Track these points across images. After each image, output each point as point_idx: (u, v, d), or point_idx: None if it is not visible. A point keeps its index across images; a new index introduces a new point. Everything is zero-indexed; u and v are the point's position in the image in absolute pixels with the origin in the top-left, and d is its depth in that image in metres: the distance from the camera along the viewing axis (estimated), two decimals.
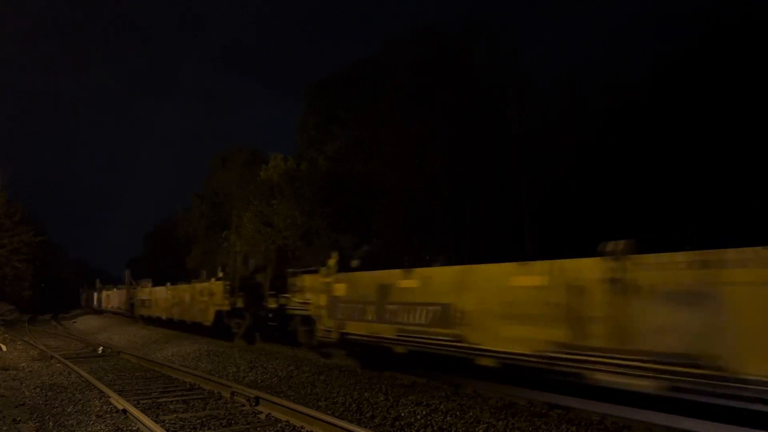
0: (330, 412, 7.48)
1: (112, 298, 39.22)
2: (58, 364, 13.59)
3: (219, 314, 17.56)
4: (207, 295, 18.65)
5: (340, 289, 11.08)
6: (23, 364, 13.62)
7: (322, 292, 11.71)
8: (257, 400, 8.12)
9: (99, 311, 43.98)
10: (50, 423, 7.44)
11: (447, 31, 26.29)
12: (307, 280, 12.52)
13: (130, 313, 31.09)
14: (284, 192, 30.30)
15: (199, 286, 20.10)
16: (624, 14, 27.54)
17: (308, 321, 12.42)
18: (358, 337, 10.45)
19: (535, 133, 23.08)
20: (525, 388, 8.21)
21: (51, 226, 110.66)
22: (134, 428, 7.05)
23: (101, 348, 17.21)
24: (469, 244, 23.27)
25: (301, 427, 6.96)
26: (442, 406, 7.67)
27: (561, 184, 21.54)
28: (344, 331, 10.80)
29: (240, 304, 16.01)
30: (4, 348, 17.31)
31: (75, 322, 37.11)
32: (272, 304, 14.15)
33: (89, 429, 7.09)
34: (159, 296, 25.54)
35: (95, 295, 46.55)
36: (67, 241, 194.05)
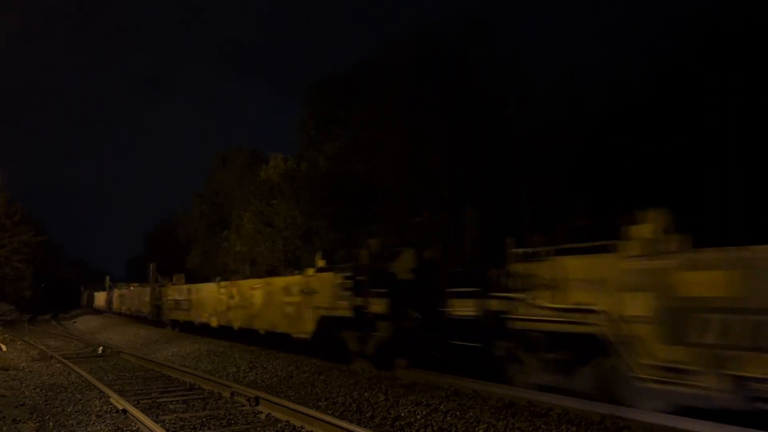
0: (330, 412, 7.49)
1: (128, 298, 33.79)
2: (58, 364, 13.60)
3: (323, 322, 12.64)
4: (299, 294, 13.56)
5: (711, 282, 6.03)
6: (23, 364, 13.63)
7: (631, 290, 6.84)
8: (257, 400, 8.13)
9: (99, 311, 43.55)
10: (50, 423, 7.44)
11: (447, 31, 26.29)
12: (575, 266, 7.56)
13: (156, 317, 26.45)
14: (284, 192, 30.33)
15: (281, 281, 14.89)
16: (624, 14, 27.54)
17: (569, 343, 7.66)
18: None
19: (535, 133, 23.08)
20: (525, 388, 8.20)
21: (51, 226, 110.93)
22: (134, 428, 7.06)
23: (101, 348, 17.22)
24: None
25: (301, 427, 6.96)
26: (442, 406, 7.67)
27: (561, 184, 21.53)
28: (755, 375, 5.56)
29: (378, 308, 11.00)
30: (4, 348, 17.31)
31: (75, 322, 37.12)
32: (464, 310, 9.29)
33: (89, 429, 7.09)
34: (205, 296, 20.21)
35: (103, 295, 44.28)
36: (67, 241, 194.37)
